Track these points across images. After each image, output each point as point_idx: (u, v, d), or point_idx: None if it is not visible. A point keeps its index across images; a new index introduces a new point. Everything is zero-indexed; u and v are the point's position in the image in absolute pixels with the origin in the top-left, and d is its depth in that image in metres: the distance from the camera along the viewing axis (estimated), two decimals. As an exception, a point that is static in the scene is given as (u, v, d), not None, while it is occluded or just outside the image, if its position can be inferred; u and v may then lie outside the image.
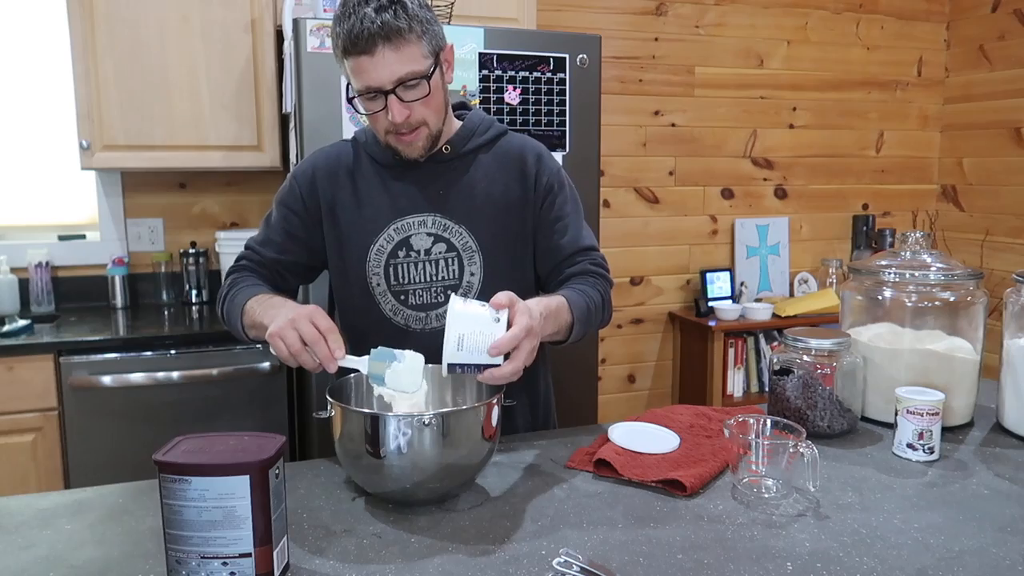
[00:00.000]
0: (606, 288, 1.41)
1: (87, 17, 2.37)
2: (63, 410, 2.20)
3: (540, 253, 1.43)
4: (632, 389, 3.51)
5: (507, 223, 1.39)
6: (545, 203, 1.41)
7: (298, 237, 1.41)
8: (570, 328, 1.29)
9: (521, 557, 0.94)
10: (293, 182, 1.42)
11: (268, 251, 1.42)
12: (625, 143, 3.33)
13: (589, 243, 1.42)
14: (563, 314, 1.26)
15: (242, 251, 1.45)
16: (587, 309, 1.32)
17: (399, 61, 1.21)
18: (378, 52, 1.20)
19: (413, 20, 1.21)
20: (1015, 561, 0.93)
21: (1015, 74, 3.44)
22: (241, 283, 1.38)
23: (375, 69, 1.21)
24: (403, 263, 1.37)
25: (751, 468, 1.12)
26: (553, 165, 1.43)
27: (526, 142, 1.44)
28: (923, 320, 1.40)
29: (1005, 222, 3.52)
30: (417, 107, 1.26)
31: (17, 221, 2.76)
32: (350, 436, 1.06)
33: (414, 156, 1.33)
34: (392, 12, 1.19)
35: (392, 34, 1.20)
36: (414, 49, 1.22)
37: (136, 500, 1.11)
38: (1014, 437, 1.35)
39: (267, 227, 1.44)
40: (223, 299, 1.40)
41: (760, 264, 3.56)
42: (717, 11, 3.39)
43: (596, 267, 1.41)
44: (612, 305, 1.43)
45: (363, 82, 1.24)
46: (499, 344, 1.06)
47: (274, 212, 1.43)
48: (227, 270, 1.45)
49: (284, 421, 2.40)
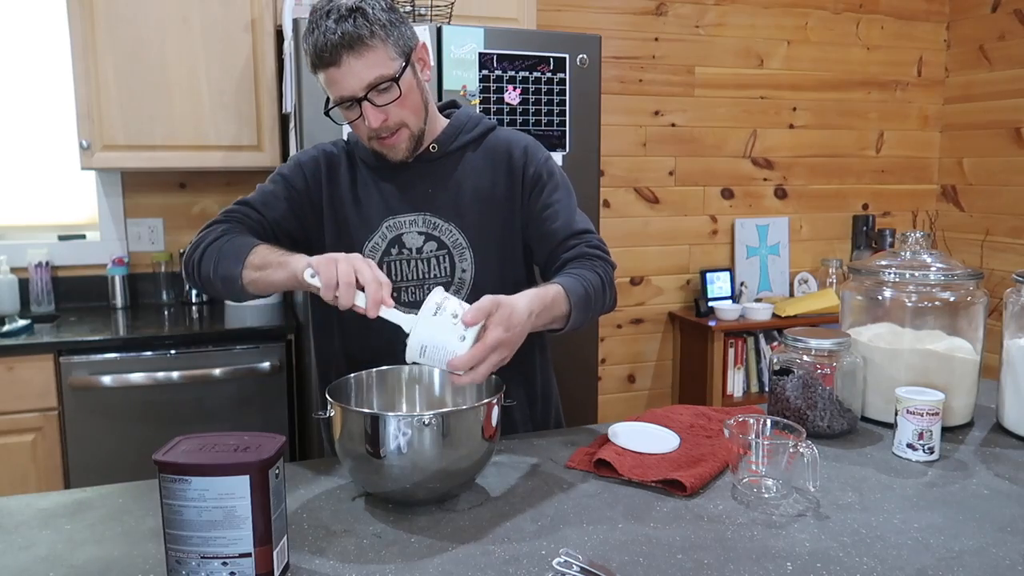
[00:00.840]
0: (606, 270, 1.36)
1: (87, 17, 2.38)
2: (63, 410, 2.20)
3: (534, 243, 1.41)
4: (632, 389, 3.51)
5: (496, 218, 1.39)
6: (533, 193, 1.40)
7: (296, 212, 1.38)
8: (567, 317, 1.26)
9: (521, 557, 0.94)
10: (297, 163, 1.41)
11: (270, 212, 1.36)
12: (625, 143, 3.33)
13: (583, 227, 1.39)
14: (559, 305, 1.24)
15: (232, 206, 1.36)
16: (585, 294, 1.28)
17: (365, 67, 1.22)
18: (344, 62, 1.22)
19: (375, 25, 1.22)
20: (1015, 561, 0.93)
21: (1015, 74, 3.44)
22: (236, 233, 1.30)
23: (343, 79, 1.23)
24: (396, 261, 1.37)
25: (751, 468, 1.12)
26: (540, 155, 1.42)
27: (513, 136, 1.43)
28: (923, 320, 1.39)
29: (1005, 222, 3.52)
30: (392, 110, 1.27)
31: (17, 221, 2.76)
32: (350, 436, 1.06)
33: (399, 158, 1.33)
34: (352, 21, 1.21)
35: (354, 42, 1.21)
36: (379, 54, 1.23)
37: (136, 500, 1.11)
38: (1014, 437, 1.35)
39: (266, 191, 1.39)
40: (207, 243, 1.29)
41: (760, 264, 3.56)
42: (717, 11, 3.39)
43: (593, 249, 1.37)
44: (614, 287, 1.38)
45: (336, 92, 1.26)
46: (456, 363, 1.06)
47: (275, 181, 1.40)
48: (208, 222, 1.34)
49: (284, 421, 2.40)
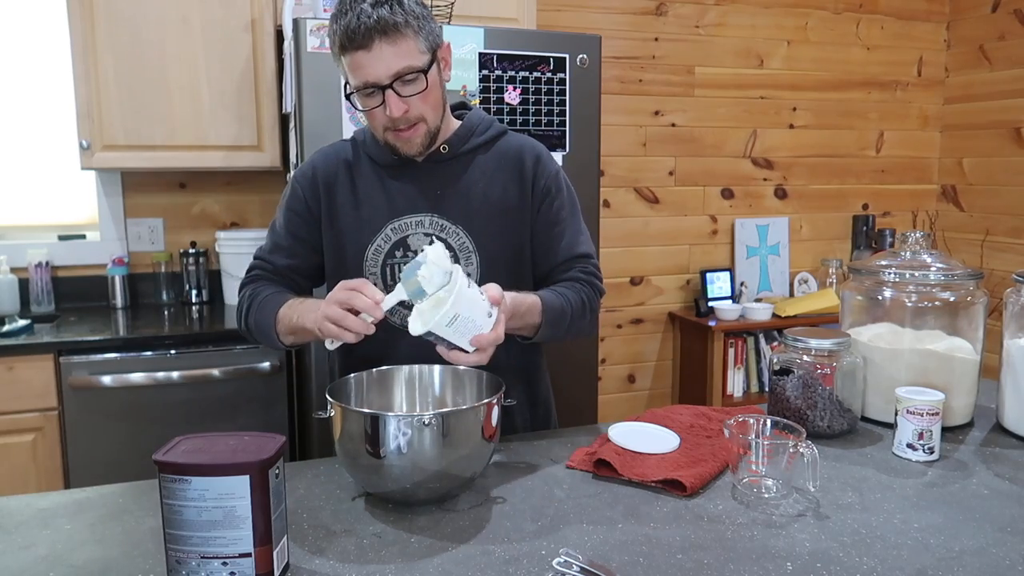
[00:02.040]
0: (592, 296, 1.40)
1: (87, 17, 2.38)
2: (63, 410, 2.20)
3: (536, 256, 1.43)
4: (632, 389, 3.51)
5: (504, 224, 1.39)
6: (543, 206, 1.41)
7: (304, 239, 1.41)
8: (537, 328, 1.30)
9: (521, 557, 0.94)
10: (295, 184, 1.42)
11: (278, 258, 1.42)
12: (625, 143, 3.33)
13: (584, 250, 1.43)
14: (533, 314, 1.28)
15: (252, 261, 1.45)
16: (561, 312, 1.32)
17: (396, 55, 1.22)
18: (375, 47, 1.21)
19: (409, 15, 1.22)
20: (1015, 561, 0.93)
21: (1015, 74, 3.44)
22: (262, 292, 1.38)
23: (372, 64, 1.22)
24: (400, 263, 1.37)
25: (751, 468, 1.12)
26: (552, 167, 1.43)
27: (525, 143, 1.43)
28: (923, 320, 1.39)
29: (1005, 222, 3.52)
30: (414, 102, 1.26)
31: (17, 221, 2.76)
32: (350, 436, 1.06)
33: (412, 153, 1.33)
34: (388, 7, 1.20)
35: (389, 28, 1.20)
36: (411, 44, 1.23)
37: (136, 500, 1.11)
38: (1014, 437, 1.35)
39: (273, 234, 1.44)
40: (245, 313, 1.39)
41: (760, 264, 3.56)
42: (717, 11, 3.39)
43: (587, 275, 1.41)
44: (597, 314, 1.43)
45: (360, 78, 1.24)
46: (482, 340, 1.09)
47: (279, 218, 1.44)
48: (240, 283, 1.44)
49: (284, 421, 2.40)
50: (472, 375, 1.24)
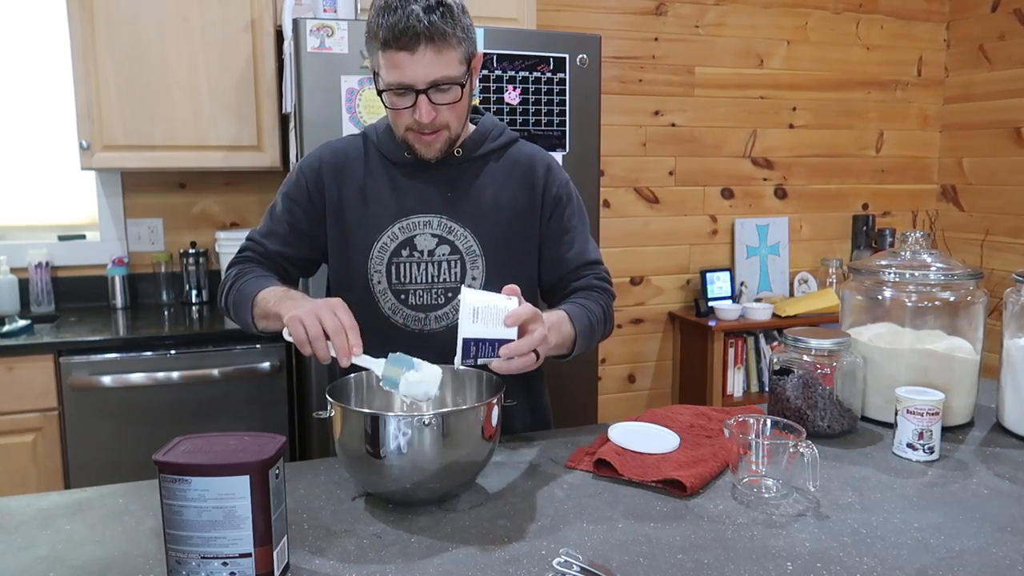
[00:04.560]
0: (608, 302, 1.43)
1: (87, 17, 2.38)
2: (63, 410, 2.20)
3: (545, 264, 1.45)
4: (632, 389, 3.51)
5: (512, 230, 1.40)
6: (553, 214, 1.43)
7: (302, 231, 1.41)
8: (573, 342, 1.31)
9: (521, 557, 0.94)
10: (300, 175, 1.41)
11: (271, 243, 1.41)
12: (625, 143, 3.33)
13: (594, 257, 1.45)
14: (564, 326, 1.29)
15: (244, 242, 1.44)
16: (589, 324, 1.34)
17: (437, 63, 1.22)
18: (420, 51, 1.20)
19: (457, 26, 1.22)
20: (1015, 561, 0.93)
21: (1015, 74, 3.44)
22: (248, 274, 1.37)
23: (412, 67, 1.21)
24: (406, 262, 1.37)
25: (751, 468, 1.12)
26: (562, 177, 1.45)
27: (536, 152, 1.45)
28: (923, 320, 1.39)
29: (1005, 222, 3.52)
30: (444, 110, 1.27)
31: (17, 221, 2.76)
32: (350, 436, 1.06)
33: (430, 156, 1.33)
34: (440, 14, 1.20)
35: (437, 36, 1.20)
36: (453, 54, 1.23)
37: (136, 500, 1.11)
38: (1014, 437, 1.35)
39: (271, 219, 1.43)
40: (226, 290, 1.38)
41: (760, 264, 3.56)
42: (717, 11, 3.39)
43: (601, 281, 1.44)
44: (614, 319, 1.46)
45: (397, 77, 1.23)
46: (515, 313, 1.09)
47: (279, 204, 1.43)
48: (229, 261, 1.43)
49: (284, 421, 2.40)
50: (472, 375, 1.24)
